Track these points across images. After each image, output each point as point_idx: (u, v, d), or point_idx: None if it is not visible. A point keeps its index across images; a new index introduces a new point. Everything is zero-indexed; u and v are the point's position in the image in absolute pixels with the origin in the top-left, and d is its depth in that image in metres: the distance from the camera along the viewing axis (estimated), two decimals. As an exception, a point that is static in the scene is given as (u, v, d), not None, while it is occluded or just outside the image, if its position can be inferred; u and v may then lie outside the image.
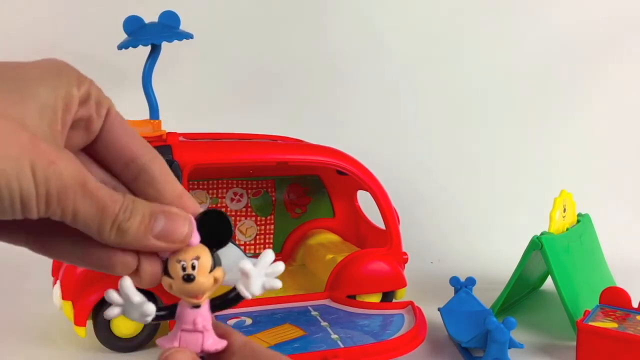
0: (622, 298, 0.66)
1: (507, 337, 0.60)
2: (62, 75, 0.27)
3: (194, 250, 0.31)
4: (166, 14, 0.69)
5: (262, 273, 0.32)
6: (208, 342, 0.32)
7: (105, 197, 0.26)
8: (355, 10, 1.13)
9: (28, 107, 0.25)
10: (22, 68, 0.26)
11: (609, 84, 1.14)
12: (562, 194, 0.74)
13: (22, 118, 0.25)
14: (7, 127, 0.24)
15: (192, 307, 0.32)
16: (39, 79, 0.26)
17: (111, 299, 0.30)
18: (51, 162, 0.25)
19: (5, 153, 0.23)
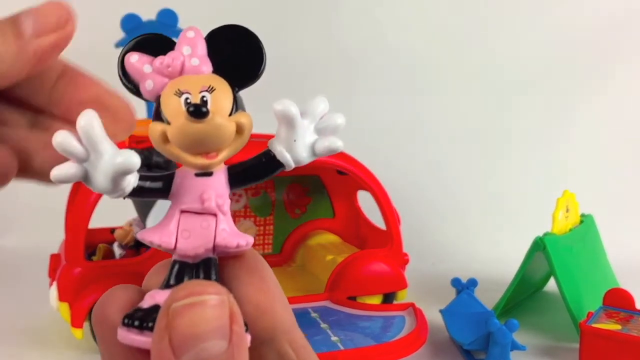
0: (625, 299, 0.65)
1: (510, 339, 0.59)
2: None
3: (203, 78, 0.20)
4: (164, 12, 0.69)
5: (311, 127, 0.21)
6: (223, 234, 0.19)
7: None
8: (358, 9, 1.12)
9: None
10: None
11: (614, 85, 1.13)
12: (565, 195, 0.74)
13: None
14: None
15: (198, 175, 0.20)
16: None
17: (67, 149, 0.18)
18: None
19: None
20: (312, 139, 0.21)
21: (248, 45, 0.20)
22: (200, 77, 0.20)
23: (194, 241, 0.19)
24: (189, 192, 0.20)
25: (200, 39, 0.20)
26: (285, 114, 0.20)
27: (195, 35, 0.20)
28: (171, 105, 0.19)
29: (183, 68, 0.20)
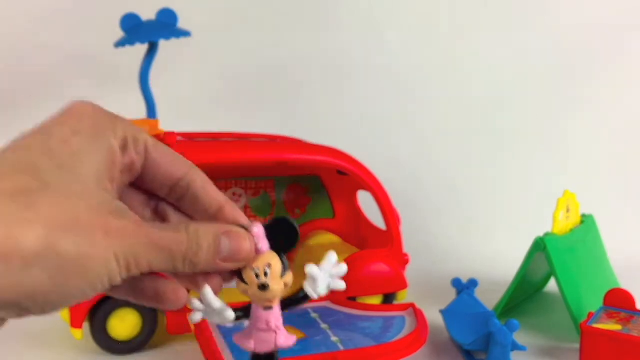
0: (626, 300, 0.65)
1: (510, 340, 0.59)
2: (99, 132, 0.30)
3: (265, 257, 0.34)
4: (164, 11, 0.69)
5: (327, 275, 0.36)
6: (281, 340, 0.36)
7: (170, 243, 0.29)
8: (356, 9, 1.12)
9: (84, 183, 0.28)
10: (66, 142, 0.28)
11: (614, 84, 1.13)
12: (566, 195, 0.73)
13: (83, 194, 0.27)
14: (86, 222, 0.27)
15: (265, 309, 0.35)
16: (83, 151, 0.28)
17: (194, 306, 0.33)
18: (126, 244, 0.28)
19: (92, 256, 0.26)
20: (327, 282, 0.36)
21: (289, 229, 0.34)
22: (263, 256, 0.33)
23: (263, 346, 0.36)
24: (260, 319, 0.35)
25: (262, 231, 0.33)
26: (312, 276, 0.35)
27: (259, 229, 0.33)
28: (249, 276, 0.33)
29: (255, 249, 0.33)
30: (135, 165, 0.31)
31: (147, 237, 0.28)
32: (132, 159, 0.31)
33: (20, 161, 0.27)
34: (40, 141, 0.28)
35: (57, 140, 0.28)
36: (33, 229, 0.25)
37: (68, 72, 1.04)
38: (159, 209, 0.34)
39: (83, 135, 0.29)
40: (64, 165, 0.27)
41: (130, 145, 0.31)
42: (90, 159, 0.28)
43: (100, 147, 0.29)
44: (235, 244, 0.31)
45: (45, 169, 0.26)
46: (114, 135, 0.30)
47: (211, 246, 0.30)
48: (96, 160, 0.29)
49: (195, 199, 0.33)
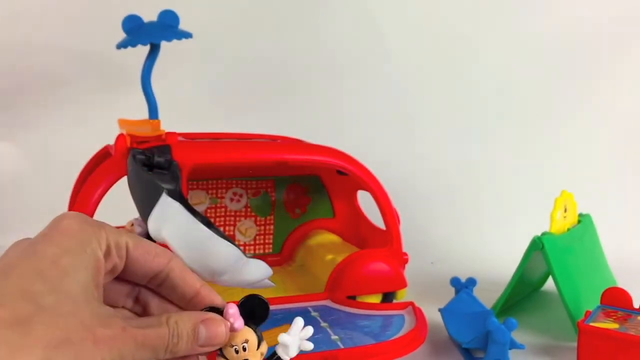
0: (623, 299, 0.66)
1: (508, 338, 0.60)
2: (85, 247, 0.33)
3: (242, 334, 0.38)
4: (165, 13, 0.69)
5: (296, 339, 0.40)
6: None
7: (153, 341, 0.33)
8: (356, 10, 1.12)
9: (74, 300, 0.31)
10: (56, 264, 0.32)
11: (611, 84, 1.14)
12: (563, 194, 0.74)
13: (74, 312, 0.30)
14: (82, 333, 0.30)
15: None
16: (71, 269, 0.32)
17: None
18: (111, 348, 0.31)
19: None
20: (297, 344, 0.39)
21: (261, 305, 0.38)
22: (240, 333, 0.37)
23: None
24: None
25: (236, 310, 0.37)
26: (283, 343, 0.39)
27: (234, 310, 0.37)
28: (229, 353, 0.37)
29: (231, 328, 0.37)
30: (117, 267, 0.35)
31: (133, 339, 0.32)
32: (114, 263, 0.35)
33: (16, 288, 0.30)
34: (32, 265, 0.31)
35: (48, 262, 0.31)
36: (33, 354, 0.28)
37: (69, 73, 1.04)
38: (140, 297, 0.38)
39: (71, 254, 0.32)
40: (55, 288, 0.30)
41: (112, 251, 0.34)
42: (78, 276, 0.32)
43: (88, 263, 0.33)
44: (212, 331, 0.35)
45: (38, 293, 0.30)
46: (99, 247, 0.33)
47: (190, 335, 0.34)
48: (84, 275, 0.32)
49: (174, 287, 0.37)
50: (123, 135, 0.66)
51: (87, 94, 1.06)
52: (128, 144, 0.65)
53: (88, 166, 0.74)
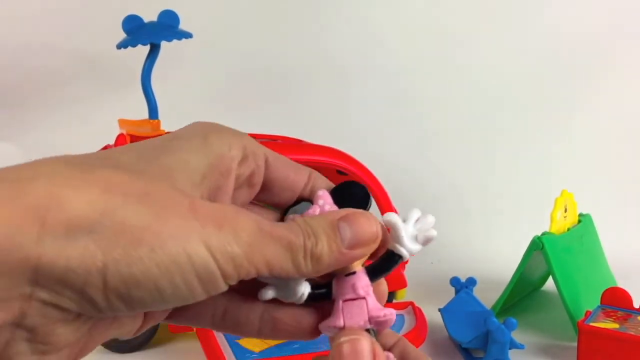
0: (623, 299, 0.66)
1: (508, 338, 0.60)
2: (209, 139, 0.26)
3: None
4: (165, 13, 0.69)
5: (411, 226, 0.30)
6: (373, 307, 0.28)
7: (286, 234, 0.25)
8: (356, 10, 1.12)
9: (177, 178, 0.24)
10: (170, 140, 0.26)
11: (612, 84, 1.14)
12: (563, 194, 0.74)
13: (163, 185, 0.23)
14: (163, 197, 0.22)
15: (347, 276, 0.29)
16: (186, 148, 0.25)
17: (266, 280, 0.27)
18: (220, 227, 0.23)
19: (171, 233, 0.22)
20: (414, 233, 0.29)
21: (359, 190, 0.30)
22: None
23: (355, 318, 0.28)
24: (345, 288, 0.28)
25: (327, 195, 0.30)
26: (389, 222, 0.29)
27: (323, 193, 0.30)
28: None
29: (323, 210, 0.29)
30: (256, 178, 0.29)
31: (257, 224, 0.24)
32: (252, 169, 0.28)
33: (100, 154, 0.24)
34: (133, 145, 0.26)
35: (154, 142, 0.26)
36: (86, 192, 0.21)
37: (70, 73, 1.04)
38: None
39: (188, 138, 0.26)
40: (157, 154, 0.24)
41: (250, 157, 0.28)
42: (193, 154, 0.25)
43: (207, 152, 0.26)
44: (359, 226, 0.26)
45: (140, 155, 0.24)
46: (228, 146, 0.27)
47: (330, 234, 0.26)
48: (196, 161, 0.25)
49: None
50: (123, 135, 0.66)
51: (87, 94, 1.06)
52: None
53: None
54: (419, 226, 0.30)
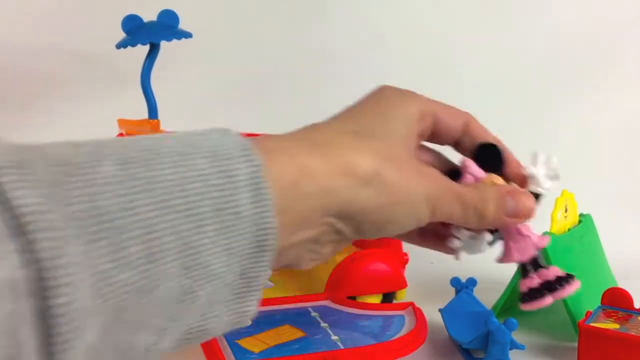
0: (624, 299, 0.66)
1: (509, 338, 0.60)
2: (401, 104, 0.38)
3: (487, 178, 0.41)
4: (165, 12, 0.69)
5: (542, 169, 0.43)
6: (535, 239, 0.42)
7: (466, 197, 0.36)
8: (356, 9, 1.12)
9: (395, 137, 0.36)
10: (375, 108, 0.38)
11: (612, 83, 1.14)
12: (564, 194, 0.74)
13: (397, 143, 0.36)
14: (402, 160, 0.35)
15: None
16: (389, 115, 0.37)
17: (457, 235, 0.42)
18: (433, 186, 0.35)
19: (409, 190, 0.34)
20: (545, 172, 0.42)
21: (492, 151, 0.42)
22: (486, 179, 0.40)
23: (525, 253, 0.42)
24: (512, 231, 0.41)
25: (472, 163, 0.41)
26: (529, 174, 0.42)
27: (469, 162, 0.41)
28: None
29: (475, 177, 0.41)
30: (427, 130, 0.40)
31: (448, 186, 0.36)
32: (426, 126, 0.40)
33: (346, 118, 0.37)
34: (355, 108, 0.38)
35: (369, 105, 0.38)
36: (366, 156, 0.32)
37: (69, 73, 1.04)
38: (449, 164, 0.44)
39: (387, 105, 0.38)
40: (376, 122, 0.36)
41: (425, 116, 0.40)
42: (395, 123, 0.37)
43: (403, 116, 0.38)
44: (518, 202, 0.38)
45: (365, 122, 0.36)
46: (412, 108, 0.38)
47: (498, 201, 0.37)
48: (401, 125, 0.37)
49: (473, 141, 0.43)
50: (123, 135, 0.66)
51: (87, 94, 1.06)
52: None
53: (88, 166, 0.74)
54: (548, 165, 0.43)
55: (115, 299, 0.23)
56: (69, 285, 0.21)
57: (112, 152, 0.26)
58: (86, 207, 0.23)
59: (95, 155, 0.25)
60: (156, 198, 0.25)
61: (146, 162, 0.26)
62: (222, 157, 0.28)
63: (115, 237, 0.23)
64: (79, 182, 0.23)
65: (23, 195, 0.21)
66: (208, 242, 0.26)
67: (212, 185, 0.27)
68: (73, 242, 0.22)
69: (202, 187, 0.26)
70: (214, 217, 0.26)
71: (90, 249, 0.22)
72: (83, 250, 0.22)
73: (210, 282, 0.27)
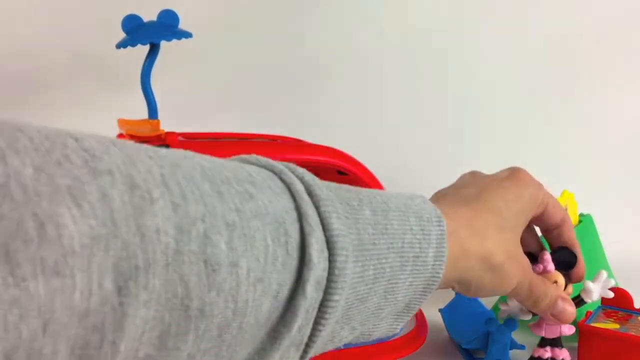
0: (624, 299, 0.66)
1: (508, 338, 0.60)
2: (532, 201, 0.48)
3: (553, 275, 0.51)
4: (165, 12, 0.69)
5: (598, 287, 0.53)
6: (565, 328, 0.55)
7: (534, 287, 0.46)
8: (356, 9, 1.12)
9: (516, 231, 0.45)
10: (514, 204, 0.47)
11: (612, 83, 1.14)
12: (564, 195, 0.74)
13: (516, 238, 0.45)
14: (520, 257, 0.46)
15: None
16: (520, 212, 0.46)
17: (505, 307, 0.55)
18: (524, 277, 0.45)
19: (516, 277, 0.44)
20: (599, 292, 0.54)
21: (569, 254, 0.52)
22: (553, 274, 0.51)
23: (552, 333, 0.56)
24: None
25: (549, 257, 0.52)
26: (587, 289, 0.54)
27: (547, 256, 0.52)
28: None
29: (545, 269, 0.51)
30: (537, 216, 0.50)
31: (530, 278, 0.46)
32: (538, 212, 0.49)
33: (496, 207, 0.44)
34: (498, 195, 0.45)
35: (511, 195, 0.46)
36: (500, 250, 0.42)
37: (69, 73, 1.04)
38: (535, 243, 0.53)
39: (522, 198, 0.46)
40: (513, 216, 0.45)
41: (541, 205, 0.49)
42: (522, 218, 0.46)
43: (529, 212, 0.47)
44: (566, 310, 0.49)
45: (506, 215, 0.44)
46: (537, 199, 0.48)
47: (552, 301, 0.48)
48: (524, 219, 0.46)
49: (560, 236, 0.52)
50: (122, 135, 0.66)
51: (86, 94, 1.06)
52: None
53: (88, 166, 0.74)
54: (605, 284, 0.53)
55: (352, 300, 0.34)
56: (342, 290, 0.32)
57: (367, 200, 0.36)
58: (356, 237, 0.34)
59: (360, 202, 0.36)
60: (387, 239, 0.35)
61: (384, 212, 0.36)
62: (424, 219, 0.38)
63: (364, 262, 0.34)
64: (355, 219, 0.34)
65: (334, 222, 0.32)
66: (403, 278, 0.37)
67: (416, 238, 0.37)
68: (350, 260, 0.33)
69: (411, 238, 0.37)
70: (412, 261, 0.37)
71: (354, 267, 0.33)
72: (351, 267, 0.33)
73: (393, 305, 0.37)
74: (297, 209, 0.32)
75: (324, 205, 0.33)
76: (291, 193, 0.33)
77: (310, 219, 0.31)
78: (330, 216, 0.32)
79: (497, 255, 0.42)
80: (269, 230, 0.30)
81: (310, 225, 0.31)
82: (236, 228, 0.28)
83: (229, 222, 0.28)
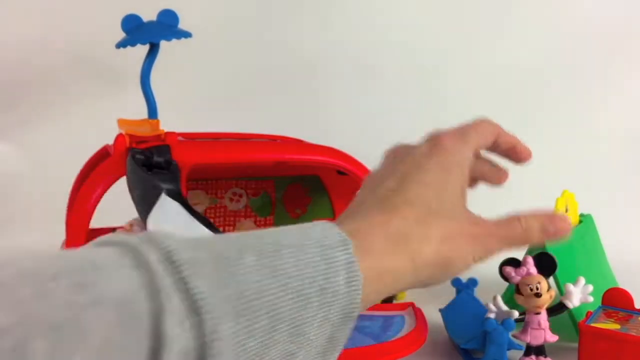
0: (624, 299, 0.66)
1: (506, 339, 0.59)
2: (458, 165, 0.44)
3: (536, 277, 0.55)
4: (165, 12, 0.69)
5: (579, 291, 0.56)
6: (548, 336, 0.57)
7: (512, 237, 0.42)
8: (356, 9, 1.12)
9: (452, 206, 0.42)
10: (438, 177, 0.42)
11: (613, 83, 1.14)
12: (564, 194, 0.74)
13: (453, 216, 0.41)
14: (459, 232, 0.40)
15: (535, 314, 0.57)
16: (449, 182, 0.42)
17: (490, 309, 0.58)
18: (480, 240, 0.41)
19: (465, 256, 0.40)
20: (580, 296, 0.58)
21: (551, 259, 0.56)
22: (534, 276, 0.56)
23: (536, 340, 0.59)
24: (532, 321, 0.57)
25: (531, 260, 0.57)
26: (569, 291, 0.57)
27: (530, 259, 0.57)
28: (525, 290, 0.56)
29: (528, 272, 0.56)
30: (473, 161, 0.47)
31: (496, 236, 0.42)
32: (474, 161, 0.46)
33: (413, 194, 0.40)
34: (418, 181, 0.41)
35: (432, 175, 0.42)
36: (431, 244, 0.39)
37: (69, 73, 1.04)
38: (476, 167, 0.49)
39: (448, 171, 0.42)
40: (438, 196, 0.41)
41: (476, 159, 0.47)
42: (453, 187, 0.42)
43: (459, 177, 0.43)
44: (559, 226, 0.43)
45: (430, 200, 0.40)
46: (468, 162, 0.44)
47: (540, 233, 0.43)
48: (458, 188, 0.43)
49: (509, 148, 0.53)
50: (122, 135, 0.66)
51: (86, 94, 1.06)
52: (127, 144, 0.65)
53: (87, 166, 0.74)
54: (582, 290, 0.57)
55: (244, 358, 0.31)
56: (221, 353, 0.29)
57: (252, 245, 0.33)
58: (234, 291, 0.30)
59: (240, 250, 0.32)
60: (280, 281, 0.32)
61: (274, 252, 0.33)
62: (326, 247, 0.35)
63: (250, 315, 0.31)
64: (230, 272, 0.31)
65: (198, 285, 0.29)
66: (310, 316, 0.33)
67: (318, 270, 0.34)
68: (225, 319, 0.29)
69: (312, 272, 0.34)
70: (318, 295, 0.34)
71: (235, 324, 0.30)
72: (230, 325, 0.30)
73: (307, 346, 0.34)
74: (151, 283, 0.29)
75: (185, 269, 0.30)
76: (146, 267, 0.29)
77: (164, 291, 0.28)
78: (192, 279, 0.29)
79: (425, 250, 0.38)
80: (109, 318, 0.27)
81: (163, 298, 0.28)
82: (64, 326, 0.25)
83: (54, 322, 0.25)
